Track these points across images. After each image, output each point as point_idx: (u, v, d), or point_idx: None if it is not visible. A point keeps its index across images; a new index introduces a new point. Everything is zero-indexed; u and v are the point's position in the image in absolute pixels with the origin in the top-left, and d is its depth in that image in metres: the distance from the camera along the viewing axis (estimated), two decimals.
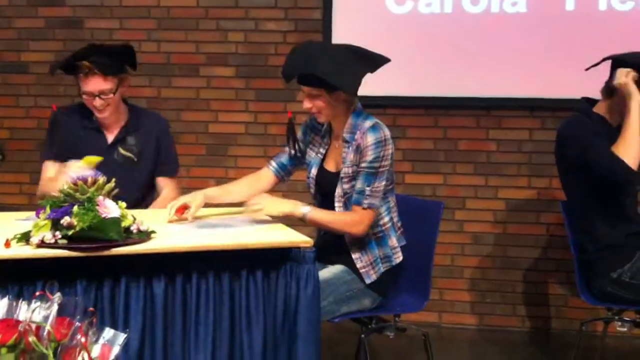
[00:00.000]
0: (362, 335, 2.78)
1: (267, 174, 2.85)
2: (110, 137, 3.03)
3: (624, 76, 2.90)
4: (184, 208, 2.61)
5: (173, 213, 2.59)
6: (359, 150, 2.60)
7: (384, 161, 2.59)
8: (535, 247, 4.06)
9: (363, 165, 2.58)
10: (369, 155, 2.57)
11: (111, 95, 2.91)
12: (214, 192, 2.77)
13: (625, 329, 3.03)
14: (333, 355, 3.48)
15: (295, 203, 2.61)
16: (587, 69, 3.06)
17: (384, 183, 2.61)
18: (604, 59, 3.02)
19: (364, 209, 2.57)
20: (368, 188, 2.57)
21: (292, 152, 2.78)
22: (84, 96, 2.92)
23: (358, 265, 2.65)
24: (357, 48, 2.66)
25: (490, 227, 4.09)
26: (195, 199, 2.63)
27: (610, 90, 2.97)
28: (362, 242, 2.65)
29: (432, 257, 2.84)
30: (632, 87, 2.89)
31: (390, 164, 2.65)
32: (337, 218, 2.62)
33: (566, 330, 3.97)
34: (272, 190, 2.86)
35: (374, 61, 2.64)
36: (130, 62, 3.02)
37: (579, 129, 2.98)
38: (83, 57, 2.87)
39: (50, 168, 2.98)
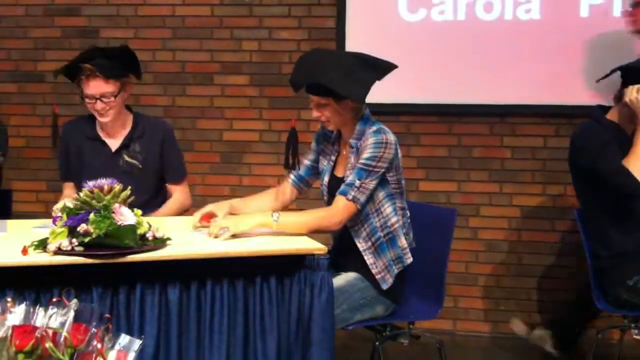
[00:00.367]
0: (377, 343, 2.78)
1: (287, 187, 2.88)
2: (114, 146, 3.03)
3: (635, 92, 2.89)
4: (209, 216, 2.63)
5: (198, 219, 2.62)
6: (359, 151, 2.60)
7: (380, 162, 2.57)
8: (550, 254, 4.04)
9: (359, 161, 2.58)
10: (366, 153, 2.57)
11: (113, 98, 2.90)
12: (238, 203, 2.80)
13: None
14: None
15: (265, 214, 2.55)
16: (597, 81, 3.06)
17: (374, 183, 2.58)
18: (613, 70, 3.02)
19: (347, 200, 2.56)
20: (358, 181, 2.56)
21: (290, 162, 2.78)
22: (86, 100, 2.92)
23: (374, 271, 2.65)
24: (364, 56, 2.67)
25: (505, 235, 4.08)
26: (221, 208, 2.65)
27: (621, 97, 2.96)
28: (374, 247, 2.65)
29: (446, 265, 2.84)
30: None
31: (395, 166, 2.64)
32: (310, 216, 2.59)
33: (582, 339, 3.93)
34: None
35: (381, 68, 2.64)
36: (133, 67, 3.01)
37: (590, 138, 2.98)
38: (85, 60, 2.88)
39: (67, 187, 3.06)
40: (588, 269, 3.06)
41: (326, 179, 2.77)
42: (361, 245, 2.66)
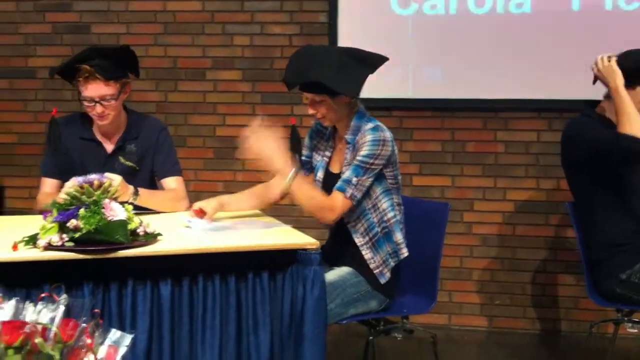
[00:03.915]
0: (370, 337, 2.77)
1: (278, 182, 2.85)
2: (110, 147, 2.94)
3: (606, 60, 2.96)
4: (200, 212, 2.62)
5: (190, 215, 2.62)
6: (356, 149, 2.60)
7: (377, 160, 2.57)
8: (544, 248, 4.05)
9: (357, 158, 2.58)
10: (364, 150, 2.57)
11: (113, 101, 2.79)
12: (227, 199, 2.78)
13: (635, 330, 3.01)
14: (340, 357, 3.47)
15: (287, 168, 2.53)
16: (594, 83, 3.07)
17: (370, 180, 2.58)
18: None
19: (345, 197, 2.56)
20: (355, 179, 2.56)
21: (297, 157, 2.77)
22: (84, 102, 2.80)
23: (372, 266, 2.65)
24: (354, 50, 2.67)
25: (499, 229, 4.08)
26: (209, 203, 2.64)
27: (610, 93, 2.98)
28: (372, 242, 2.65)
29: (439, 259, 2.83)
30: (615, 66, 2.93)
31: (393, 162, 2.64)
32: (315, 200, 2.57)
33: (576, 332, 3.95)
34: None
35: (373, 62, 2.64)
36: (133, 67, 2.91)
37: (581, 127, 3.00)
38: (83, 61, 2.75)
39: (47, 183, 2.93)
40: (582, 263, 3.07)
41: (320, 174, 2.76)
42: (359, 240, 2.65)
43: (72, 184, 2.24)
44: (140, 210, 2.68)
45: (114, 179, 2.44)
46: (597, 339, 3.31)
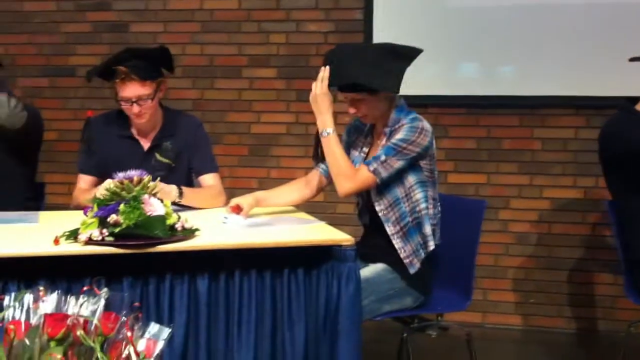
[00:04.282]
0: (404, 334, 2.77)
1: (316, 177, 2.87)
2: (146, 145, 2.98)
3: None
4: (236, 208, 2.65)
5: (227, 210, 2.66)
6: (392, 134, 2.60)
7: (411, 145, 2.57)
8: (581, 247, 4.00)
9: (391, 140, 2.58)
10: (399, 134, 2.58)
11: (149, 101, 2.83)
12: (264, 195, 2.81)
13: None
14: (375, 354, 3.47)
15: (330, 119, 2.62)
16: (631, 60, 3.00)
17: (400, 163, 2.58)
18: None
19: (369, 170, 2.57)
20: (384, 157, 2.56)
21: (320, 154, 2.77)
22: (122, 102, 2.85)
23: (402, 256, 2.64)
24: (389, 45, 2.66)
25: (535, 227, 4.05)
26: (246, 200, 2.67)
27: None
28: (403, 231, 2.65)
29: (474, 256, 2.82)
30: None
31: (430, 155, 2.64)
32: (343, 163, 2.60)
33: (614, 332, 3.89)
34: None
35: (408, 55, 2.63)
36: (167, 64, 2.95)
37: (622, 124, 2.95)
38: (119, 62, 2.80)
39: (83, 180, 3.00)
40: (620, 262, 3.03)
41: None
42: (390, 229, 2.65)
43: (109, 185, 2.27)
44: (179, 207, 2.74)
45: (164, 189, 2.55)
46: (635, 338, 3.26)
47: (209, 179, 3.02)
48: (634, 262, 2.97)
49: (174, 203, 2.71)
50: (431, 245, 2.68)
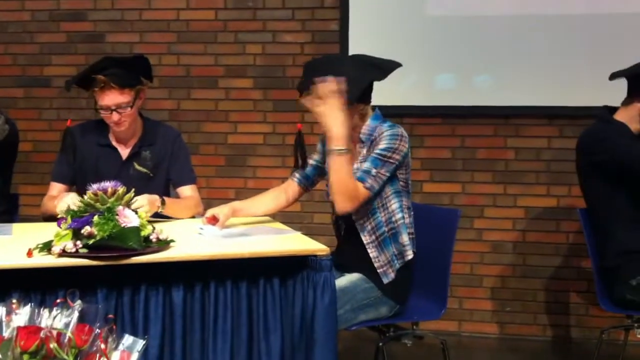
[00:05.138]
0: (380, 343, 2.79)
1: (291, 186, 2.89)
2: (125, 153, 2.99)
3: None
4: (213, 219, 2.65)
5: (203, 221, 2.67)
6: (373, 143, 2.62)
7: (395, 154, 2.60)
8: (556, 255, 4.05)
9: (374, 151, 2.61)
10: (382, 144, 2.60)
11: (128, 108, 2.85)
12: (240, 205, 2.82)
13: None
14: None
15: (344, 135, 2.51)
16: (611, 77, 3.06)
17: (387, 175, 2.61)
18: (619, 73, 3.03)
19: (365, 187, 2.58)
20: (374, 170, 2.59)
21: (300, 163, 2.80)
22: (101, 111, 2.86)
23: (376, 265, 2.66)
24: (366, 57, 2.71)
25: (510, 236, 4.09)
26: (222, 210, 2.67)
27: (630, 99, 2.98)
28: (378, 241, 2.67)
29: (449, 265, 2.84)
30: None
31: (406, 164, 2.67)
32: (348, 182, 2.55)
33: (587, 339, 3.94)
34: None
35: (382, 68, 2.66)
36: (146, 73, 2.97)
37: (603, 133, 3.00)
38: (98, 71, 2.81)
39: (55, 188, 3.01)
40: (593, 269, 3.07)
41: None
42: (365, 238, 2.67)
43: (71, 200, 2.30)
44: (156, 217, 2.74)
45: (142, 204, 2.52)
46: (608, 345, 3.30)
47: (187, 190, 3.04)
48: (607, 270, 3.01)
49: (155, 214, 2.71)
50: (409, 255, 2.70)
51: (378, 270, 2.66)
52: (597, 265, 3.05)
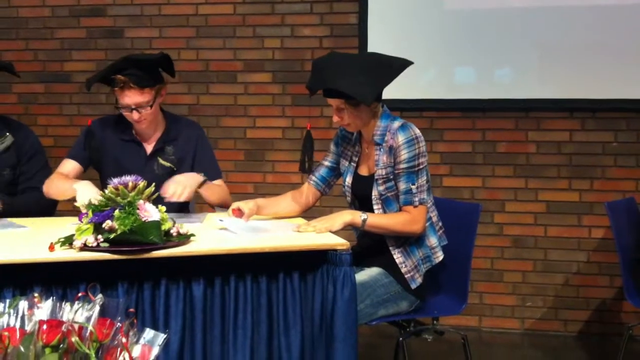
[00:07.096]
0: (400, 339, 2.77)
1: (308, 189, 2.88)
2: (149, 148, 2.99)
3: None
4: (238, 211, 2.67)
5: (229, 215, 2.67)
6: (392, 152, 2.61)
7: (421, 158, 2.61)
8: (577, 250, 4.01)
9: (401, 166, 2.60)
10: (404, 155, 2.59)
11: (148, 108, 2.85)
12: (263, 202, 2.82)
13: None
14: (371, 358, 3.48)
15: (352, 212, 2.63)
16: None
17: (425, 178, 2.64)
18: None
19: (415, 207, 2.60)
20: (413, 186, 2.60)
21: (306, 165, 2.79)
22: (122, 110, 2.88)
23: (403, 271, 2.66)
24: (378, 55, 2.70)
25: (531, 230, 4.05)
26: (247, 204, 2.68)
27: None
28: (404, 247, 2.66)
29: (470, 260, 2.82)
30: None
31: (426, 160, 2.66)
32: (394, 220, 2.63)
33: (609, 335, 3.90)
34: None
35: (396, 67, 2.64)
36: (168, 70, 2.97)
37: None
38: (118, 71, 2.82)
39: (68, 165, 2.98)
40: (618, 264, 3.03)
41: (349, 179, 2.77)
42: (391, 243, 2.67)
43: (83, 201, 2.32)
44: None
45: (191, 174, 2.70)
46: (633, 342, 3.27)
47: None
48: (633, 264, 2.97)
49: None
50: (438, 257, 2.70)
51: (405, 276, 2.66)
52: (623, 259, 2.99)
